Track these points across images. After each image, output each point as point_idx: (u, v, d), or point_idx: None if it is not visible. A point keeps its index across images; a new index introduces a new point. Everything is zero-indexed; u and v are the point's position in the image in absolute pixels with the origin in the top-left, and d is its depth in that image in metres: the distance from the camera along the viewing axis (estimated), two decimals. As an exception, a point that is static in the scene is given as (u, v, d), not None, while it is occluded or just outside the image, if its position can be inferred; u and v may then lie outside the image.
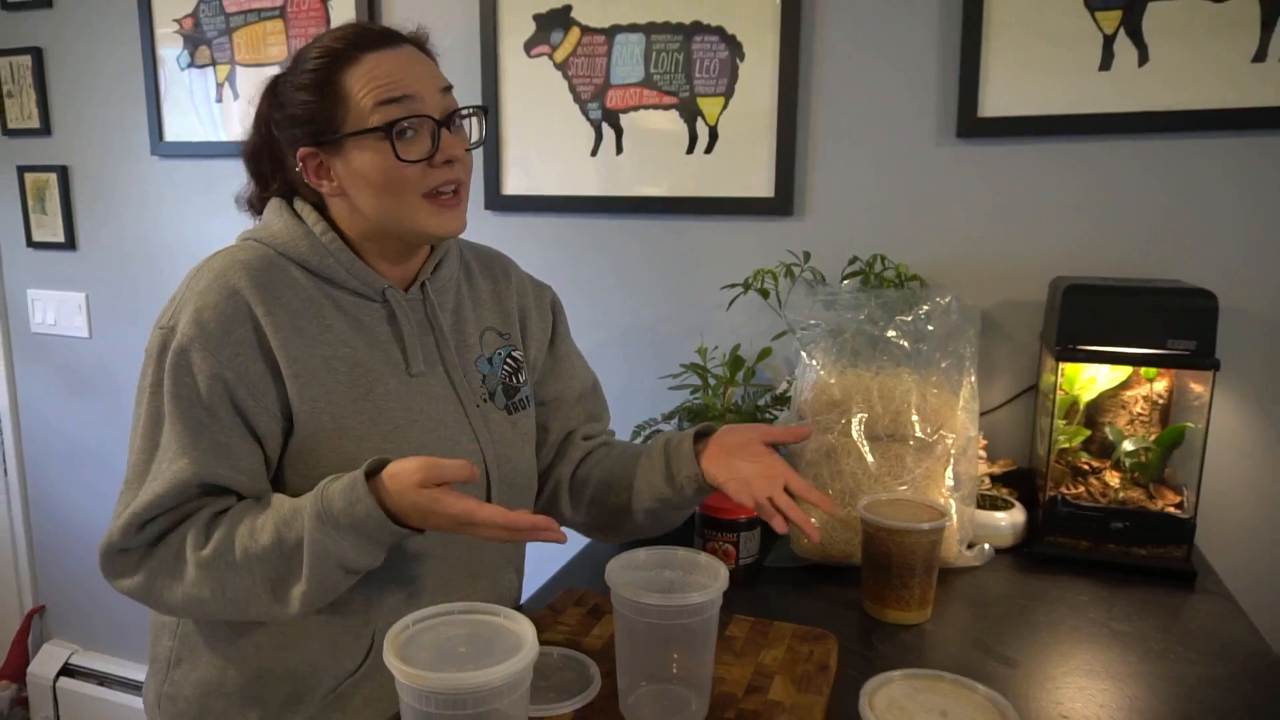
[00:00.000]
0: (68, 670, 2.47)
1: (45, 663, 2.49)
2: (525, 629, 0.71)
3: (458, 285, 1.08)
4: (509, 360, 1.09)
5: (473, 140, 1.00)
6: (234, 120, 2.01)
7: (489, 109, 1.01)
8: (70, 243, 2.25)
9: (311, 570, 0.85)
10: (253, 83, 1.96)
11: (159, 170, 2.12)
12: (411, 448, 0.95)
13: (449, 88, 0.97)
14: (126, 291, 2.23)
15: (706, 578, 0.85)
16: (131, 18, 2.05)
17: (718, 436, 1.05)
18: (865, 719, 0.67)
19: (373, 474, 0.85)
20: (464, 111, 0.97)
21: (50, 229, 2.25)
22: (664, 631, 0.82)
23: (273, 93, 0.98)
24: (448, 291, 1.06)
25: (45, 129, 2.21)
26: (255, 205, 1.05)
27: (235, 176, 2.18)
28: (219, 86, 2.00)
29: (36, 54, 2.17)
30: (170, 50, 2.03)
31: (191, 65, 2.01)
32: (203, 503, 0.90)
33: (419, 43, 0.98)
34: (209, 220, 2.09)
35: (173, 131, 2.07)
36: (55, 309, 2.30)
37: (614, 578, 0.84)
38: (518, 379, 1.09)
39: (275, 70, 1.02)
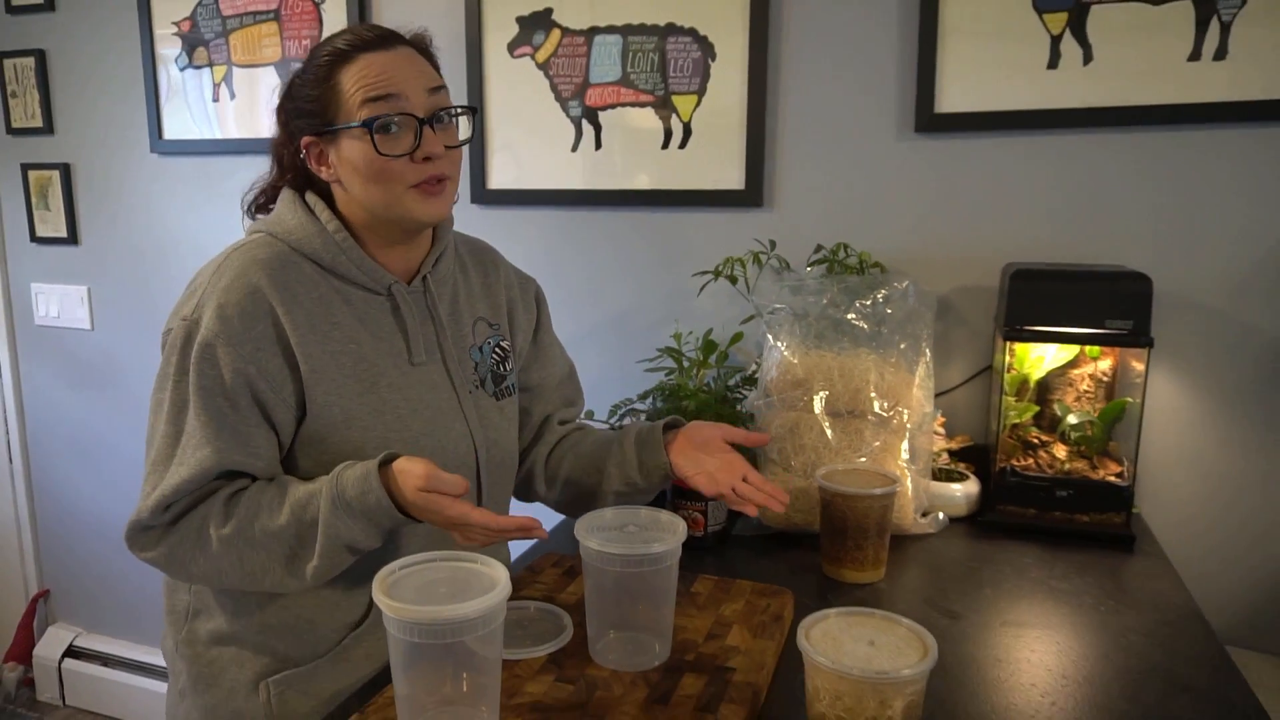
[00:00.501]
0: (72, 652, 2.55)
1: (50, 645, 2.57)
2: (499, 572, 0.80)
3: (454, 277, 1.16)
4: (498, 349, 1.17)
5: (461, 138, 1.06)
6: (230, 119, 2.09)
7: (477, 109, 1.08)
8: (73, 238, 2.32)
9: (323, 548, 0.93)
10: (248, 83, 2.04)
11: (158, 167, 2.20)
12: (412, 434, 1.03)
13: (438, 88, 1.02)
14: (127, 285, 2.31)
15: (666, 532, 0.94)
16: (131, 20, 2.13)
17: (685, 431, 1.16)
18: (801, 647, 0.75)
19: (383, 465, 0.93)
20: (451, 111, 1.03)
21: (53, 224, 2.33)
22: (628, 580, 0.91)
23: (288, 88, 1.06)
24: (446, 284, 1.13)
25: (48, 128, 2.29)
26: (261, 205, 1.12)
27: (232, 173, 2.27)
28: (216, 86, 2.08)
29: (39, 56, 2.25)
30: (169, 51, 2.11)
31: (189, 66, 2.09)
32: (219, 484, 0.97)
33: (419, 44, 1.05)
34: (206, 215, 2.17)
35: (172, 130, 2.14)
36: (58, 302, 2.38)
37: (582, 532, 0.92)
38: (505, 367, 1.18)
39: (271, 70, 1.10)
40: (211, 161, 2.13)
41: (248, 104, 2.06)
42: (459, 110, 1.05)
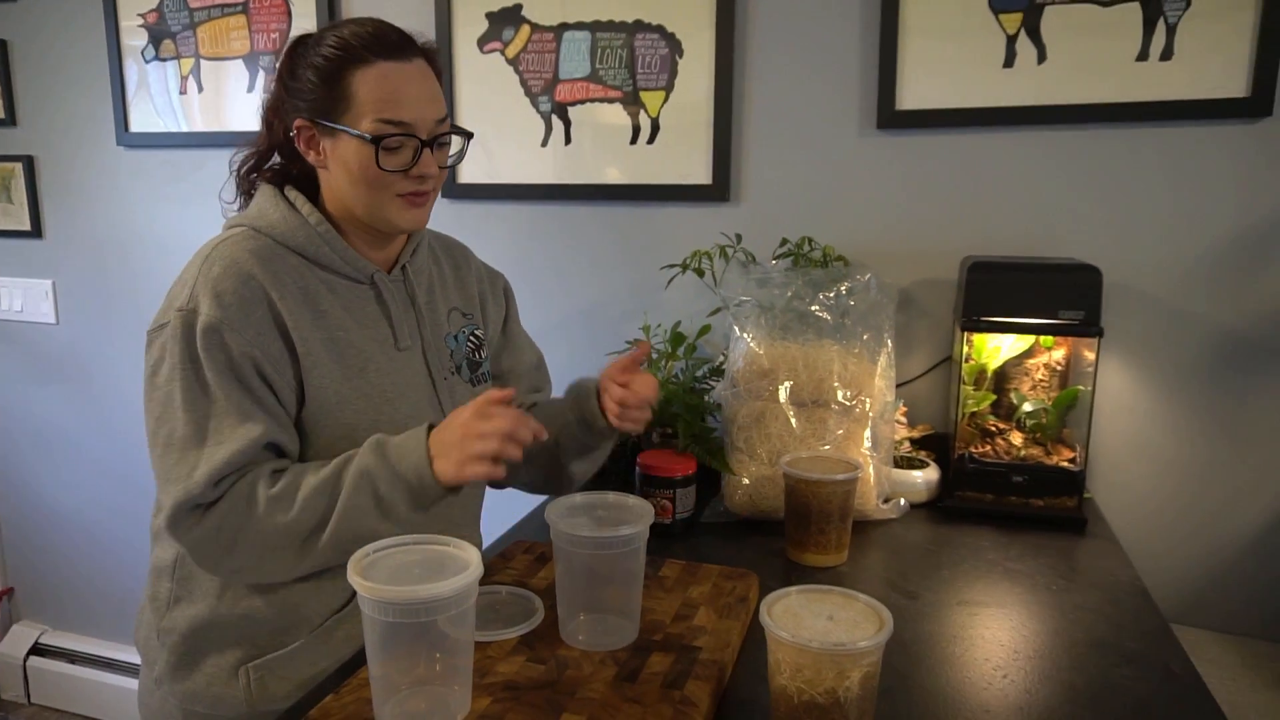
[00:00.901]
0: (38, 649, 2.53)
1: (15, 643, 2.54)
2: (471, 554, 0.82)
3: (429, 269, 1.19)
4: (472, 338, 1.21)
5: (452, 156, 1.09)
6: (197, 112, 2.08)
7: (472, 135, 1.10)
8: (36, 231, 2.30)
9: (346, 504, 0.94)
10: (216, 76, 2.03)
11: (125, 161, 2.18)
12: (401, 416, 1.07)
13: (443, 118, 1.04)
14: (93, 279, 2.28)
15: (635, 516, 0.97)
16: (96, 11, 2.11)
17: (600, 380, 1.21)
18: (764, 622, 0.78)
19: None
20: (450, 138, 1.05)
21: (16, 218, 2.30)
22: (597, 562, 0.93)
23: (291, 56, 1.04)
24: (423, 274, 1.17)
25: (11, 120, 2.26)
26: (254, 168, 1.11)
27: (199, 166, 2.26)
28: (183, 79, 2.07)
29: (2, 46, 2.22)
30: (135, 43, 2.09)
31: (156, 58, 2.08)
32: (260, 458, 0.98)
33: (431, 58, 1.05)
34: (175, 210, 2.15)
35: (138, 123, 2.13)
36: (22, 296, 2.35)
37: (553, 515, 0.95)
38: (479, 355, 1.22)
39: (240, 63, 1.10)
40: (178, 155, 2.12)
41: (215, 97, 2.05)
42: (462, 138, 1.08)
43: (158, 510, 1.10)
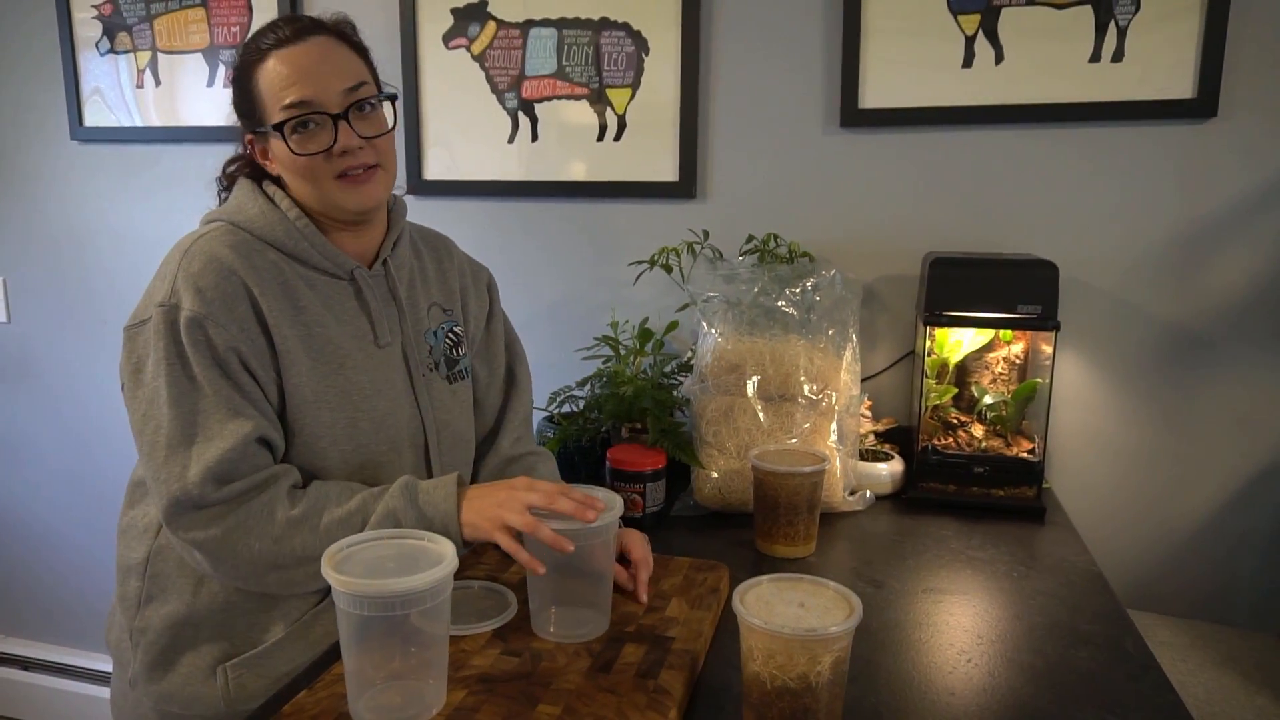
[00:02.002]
0: (-10, 657, 2.47)
1: (-34, 651, 2.48)
2: (446, 548, 0.82)
3: (410, 263, 1.18)
4: (450, 334, 1.20)
5: (388, 125, 1.06)
6: (153, 107, 2.04)
7: (396, 95, 1.09)
8: (-14, 228, 2.24)
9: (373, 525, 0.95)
10: (174, 70, 2.00)
11: (79, 156, 2.13)
12: (379, 414, 1.06)
13: (358, 84, 1.01)
14: (46, 276, 2.23)
15: (604, 507, 0.97)
16: (49, 2, 2.06)
17: None
18: (736, 610, 0.80)
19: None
20: (369, 101, 1.02)
21: (-35, 214, 2.24)
22: (568, 555, 0.93)
23: (230, 84, 1.07)
24: (404, 267, 1.16)
25: (-42, 114, 2.20)
26: (239, 172, 1.10)
27: (155, 161, 2.22)
28: (139, 73, 2.03)
29: (-53, 38, 2.16)
30: (89, 35, 2.05)
31: (111, 51, 2.04)
32: (266, 460, 0.97)
33: (339, 31, 1.04)
34: (131, 206, 2.11)
35: (93, 117, 2.08)
36: (-29, 294, 2.29)
37: None
38: (457, 352, 1.20)
39: (199, 57, 1.10)
40: (134, 150, 2.08)
41: (173, 91, 2.01)
42: (376, 100, 1.04)
43: (129, 504, 1.08)
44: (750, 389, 1.41)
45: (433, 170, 1.88)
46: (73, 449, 2.30)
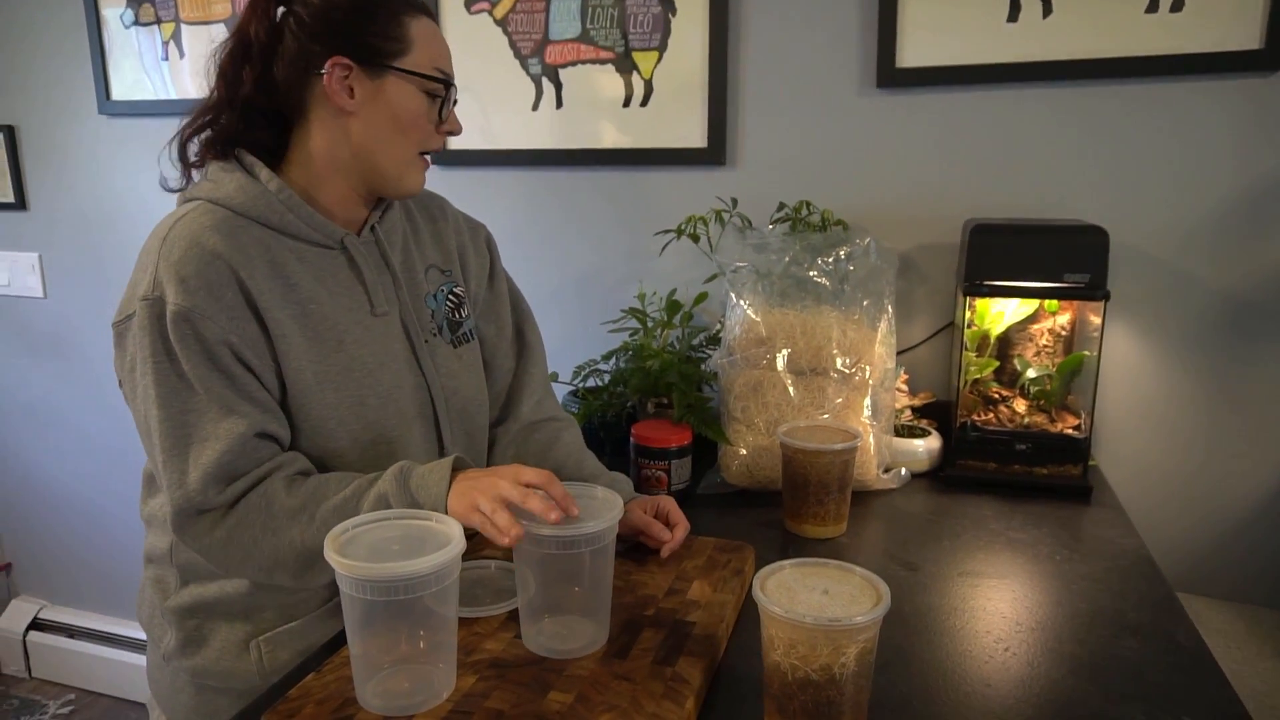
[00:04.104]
0: (37, 624, 2.53)
1: (14, 618, 2.54)
2: (453, 529, 0.79)
3: (402, 226, 1.13)
4: (451, 296, 1.15)
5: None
6: (182, 78, 2.02)
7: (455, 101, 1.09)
8: (20, 203, 2.25)
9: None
10: (198, 40, 1.98)
11: (107, 129, 2.13)
12: (385, 388, 1.02)
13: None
14: (80, 252, 2.25)
15: (601, 509, 0.89)
16: (72, -25, 2.05)
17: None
18: (756, 597, 0.75)
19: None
20: (456, 98, 1.07)
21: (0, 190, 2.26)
22: (560, 561, 0.85)
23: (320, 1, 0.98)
24: (395, 233, 1.11)
25: (-11, 89, 2.21)
26: (219, 136, 1.02)
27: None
28: (164, 44, 2.01)
29: (-23, 13, 2.16)
30: (113, 8, 2.03)
31: (136, 23, 2.02)
32: (264, 454, 0.93)
33: None
34: (158, 178, 2.10)
35: (120, 90, 2.08)
36: (8, 270, 2.32)
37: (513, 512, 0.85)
38: (460, 314, 1.15)
39: (222, 27, 1.04)
40: (163, 123, 2.07)
41: (199, 62, 1.99)
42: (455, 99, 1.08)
43: (148, 495, 1.06)
44: (780, 362, 1.35)
45: (454, 140, 1.84)
46: (110, 423, 2.32)
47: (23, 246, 2.30)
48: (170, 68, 2.02)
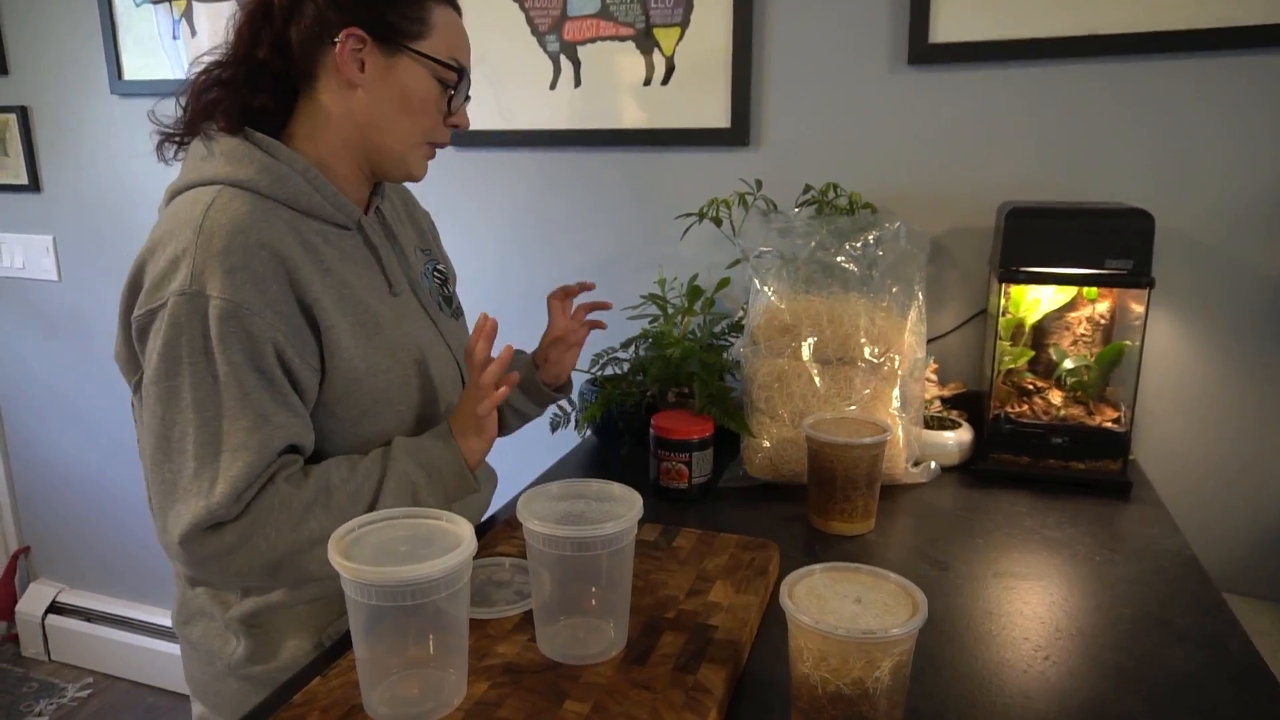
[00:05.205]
0: (56, 608, 2.53)
1: (33, 601, 2.55)
2: (464, 529, 0.75)
3: (392, 209, 1.13)
4: (436, 273, 1.16)
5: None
6: (192, 57, 1.98)
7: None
8: (34, 185, 2.23)
9: (390, 490, 0.93)
10: (211, 18, 1.94)
11: (119, 110, 2.10)
12: (423, 366, 1.02)
13: None
14: (94, 234, 2.22)
15: (621, 507, 0.84)
16: (83, -48, 2.01)
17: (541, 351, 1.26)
18: (784, 606, 0.71)
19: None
20: (469, 95, 1.05)
21: (13, 171, 2.24)
22: (577, 564, 0.81)
23: None
24: (391, 213, 1.12)
25: (2, 69, 2.18)
26: (216, 106, 0.97)
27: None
28: (176, 23, 1.97)
29: (-11, -8, 2.14)
30: (124, -14, 2.00)
31: (147, 1, 1.99)
32: (280, 464, 0.90)
33: None
34: (174, 160, 2.07)
35: (132, 70, 2.05)
36: (23, 252, 2.30)
37: (525, 512, 0.81)
38: (448, 288, 1.18)
39: (234, 5, 0.99)
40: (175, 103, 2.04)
41: (211, 41, 1.95)
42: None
43: (163, 527, 0.92)
44: (806, 351, 1.30)
45: (471, 120, 1.79)
46: (126, 406, 2.30)
47: (37, 229, 2.28)
48: (182, 47, 1.99)
